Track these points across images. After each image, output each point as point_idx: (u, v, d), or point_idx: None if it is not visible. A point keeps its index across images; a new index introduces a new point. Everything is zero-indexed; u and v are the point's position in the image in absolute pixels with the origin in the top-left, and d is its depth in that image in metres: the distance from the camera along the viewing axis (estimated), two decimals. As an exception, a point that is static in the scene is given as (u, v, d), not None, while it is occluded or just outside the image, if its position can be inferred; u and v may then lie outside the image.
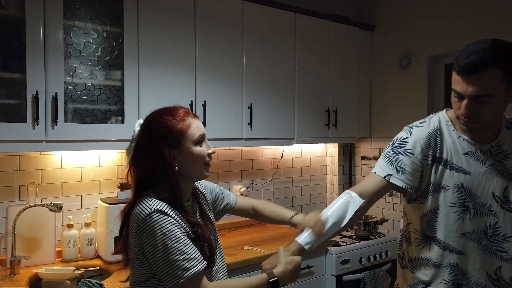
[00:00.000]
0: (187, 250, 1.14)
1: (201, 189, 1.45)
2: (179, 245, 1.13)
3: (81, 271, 1.91)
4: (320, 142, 2.99)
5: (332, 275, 2.55)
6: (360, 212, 1.36)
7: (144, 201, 1.17)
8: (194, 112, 2.26)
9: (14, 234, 1.98)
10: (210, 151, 1.28)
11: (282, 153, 3.12)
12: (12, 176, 2.11)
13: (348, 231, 2.95)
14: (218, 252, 1.37)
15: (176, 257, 1.12)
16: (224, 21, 2.43)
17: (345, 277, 2.55)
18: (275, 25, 2.65)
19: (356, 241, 2.74)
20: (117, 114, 2.11)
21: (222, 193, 1.53)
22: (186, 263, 1.12)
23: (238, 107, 2.50)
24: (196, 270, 1.13)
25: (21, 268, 1.97)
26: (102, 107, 2.08)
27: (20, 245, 2.03)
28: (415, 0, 2.96)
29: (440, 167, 1.34)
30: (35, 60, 1.84)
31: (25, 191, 2.12)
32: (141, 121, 1.27)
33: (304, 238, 1.33)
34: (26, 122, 1.83)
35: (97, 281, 1.74)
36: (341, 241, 2.70)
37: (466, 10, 2.65)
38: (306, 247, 1.32)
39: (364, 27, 3.18)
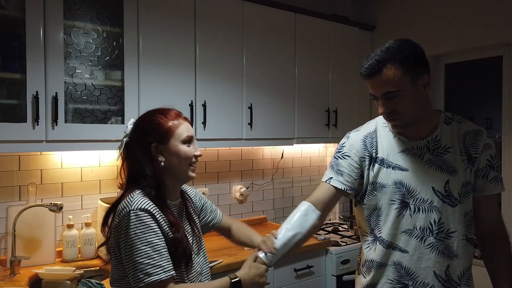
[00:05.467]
0: (154, 256, 1.14)
1: (191, 194, 1.48)
2: (147, 249, 1.14)
3: (81, 271, 1.91)
4: (320, 142, 2.99)
5: (332, 275, 2.55)
6: (318, 223, 1.39)
7: (129, 197, 1.20)
8: (194, 112, 2.29)
9: (14, 234, 1.98)
10: (196, 153, 1.31)
11: (282, 153, 3.11)
12: (12, 176, 2.10)
13: (348, 231, 2.95)
14: (202, 255, 1.38)
15: (142, 260, 1.13)
16: (224, 21, 2.43)
17: (345, 277, 2.55)
18: (275, 25, 2.65)
19: (356, 241, 2.73)
20: (117, 114, 2.11)
21: (211, 206, 1.55)
22: (149, 268, 1.13)
23: (238, 107, 2.50)
24: (158, 278, 1.13)
25: (21, 268, 1.97)
26: (102, 107, 2.08)
27: (20, 245, 2.03)
28: (415, 0, 2.96)
29: (377, 166, 1.38)
30: (35, 60, 1.83)
31: (25, 191, 2.12)
32: (134, 120, 1.33)
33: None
34: (26, 122, 1.83)
35: (97, 281, 1.74)
36: (341, 241, 2.70)
37: (466, 10, 2.64)
38: (267, 260, 1.33)
39: (364, 27, 3.18)
